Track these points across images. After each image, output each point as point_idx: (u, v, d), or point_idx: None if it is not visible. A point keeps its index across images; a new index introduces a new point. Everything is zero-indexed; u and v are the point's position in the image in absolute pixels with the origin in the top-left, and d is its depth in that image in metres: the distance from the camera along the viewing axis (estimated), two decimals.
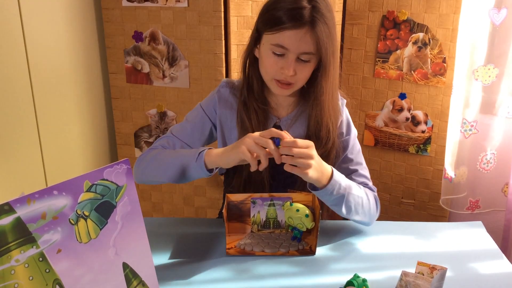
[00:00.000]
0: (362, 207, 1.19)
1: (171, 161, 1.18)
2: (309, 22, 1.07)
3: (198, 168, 1.12)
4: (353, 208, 1.17)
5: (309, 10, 1.07)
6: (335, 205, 1.16)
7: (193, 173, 1.15)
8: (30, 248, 0.75)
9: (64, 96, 1.80)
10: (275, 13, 1.10)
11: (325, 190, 1.11)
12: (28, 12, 1.56)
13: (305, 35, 1.08)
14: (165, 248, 1.16)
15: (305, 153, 1.04)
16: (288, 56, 1.12)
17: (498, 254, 1.16)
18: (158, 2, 1.87)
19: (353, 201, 1.17)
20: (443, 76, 1.94)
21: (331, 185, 1.11)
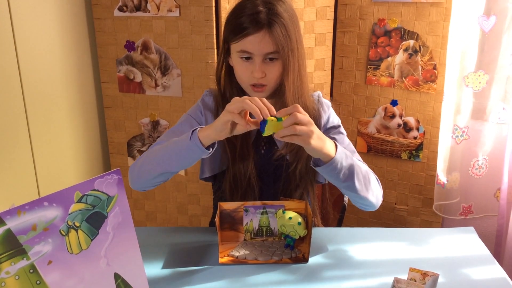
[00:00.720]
0: (370, 182, 1.17)
1: (165, 150, 1.16)
2: (266, 24, 1.13)
3: (193, 147, 1.08)
4: (363, 181, 1.14)
5: (265, 13, 1.13)
6: (346, 179, 1.11)
7: (190, 154, 1.11)
8: (21, 260, 0.75)
9: (57, 105, 1.80)
10: (236, 21, 1.16)
11: (333, 161, 1.07)
12: (20, 22, 1.56)
13: (265, 37, 1.13)
14: (157, 257, 1.16)
15: (305, 119, 1.01)
16: (255, 59, 1.16)
17: (490, 260, 1.17)
18: (150, 12, 1.88)
19: (361, 175, 1.14)
20: (434, 82, 1.96)
21: (339, 153, 1.08)
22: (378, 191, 1.22)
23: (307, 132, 1.01)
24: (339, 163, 1.08)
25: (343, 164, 1.09)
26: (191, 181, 2.08)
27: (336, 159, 1.07)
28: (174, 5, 1.84)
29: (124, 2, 1.89)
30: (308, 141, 1.02)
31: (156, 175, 1.18)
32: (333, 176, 1.11)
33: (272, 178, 1.29)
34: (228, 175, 1.27)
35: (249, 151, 1.25)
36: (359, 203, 1.21)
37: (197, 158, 1.13)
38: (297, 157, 1.25)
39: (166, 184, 2.12)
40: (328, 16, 2.01)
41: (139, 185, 1.23)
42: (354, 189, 1.13)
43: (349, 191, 1.15)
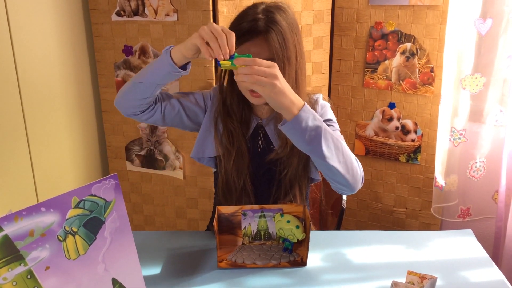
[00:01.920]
0: (343, 154, 1.10)
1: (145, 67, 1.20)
2: (263, 32, 1.14)
3: (164, 58, 1.12)
4: (334, 150, 1.08)
5: (264, 20, 1.15)
6: (312, 141, 1.06)
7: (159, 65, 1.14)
8: (18, 266, 0.75)
9: (55, 110, 1.80)
10: (236, 28, 1.17)
11: (297, 118, 1.04)
12: (18, 28, 1.57)
13: (261, 44, 1.15)
14: (156, 262, 1.16)
15: (267, 72, 1.01)
16: None
17: (488, 262, 1.17)
18: (148, 16, 1.88)
19: (332, 141, 1.08)
20: (431, 85, 1.96)
21: (303, 111, 1.05)
22: (356, 171, 1.14)
23: (268, 83, 1.01)
24: (304, 121, 1.04)
25: (309, 124, 1.05)
26: (189, 185, 2.08)
27: (300, 116, 1.04)
28: (172, 9, 1.85)
29: (122, 6, 1.89)
30: (269, 93, 1.02)
31: (130, 86, 1.20)
32: (297, 135, 1.06)
33: (265, 179, 1.29)
34: (221, 180, 1.29)
35: (244, 158, 1.27)
36: (335, 181, 1.15)
37: (165, 72, 1.14)
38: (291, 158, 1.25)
39: (164, 188, 2.12)
40: (325, 20, 2.02)
41: (119, 102, 1.24)
42: (321, 154, 1.07)
43: (316, 157, 1.09)
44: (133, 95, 1.20)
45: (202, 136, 1.31)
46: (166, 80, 1.17)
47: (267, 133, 1.29)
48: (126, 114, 1.25)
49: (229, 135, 1.27)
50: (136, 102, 1.21)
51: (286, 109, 1.04)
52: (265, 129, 1.30)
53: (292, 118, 1.05)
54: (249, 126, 1.30)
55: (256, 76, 1.00)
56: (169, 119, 1.28)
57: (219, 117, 1.29)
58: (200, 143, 1.32)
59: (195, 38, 1.05)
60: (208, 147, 1.31)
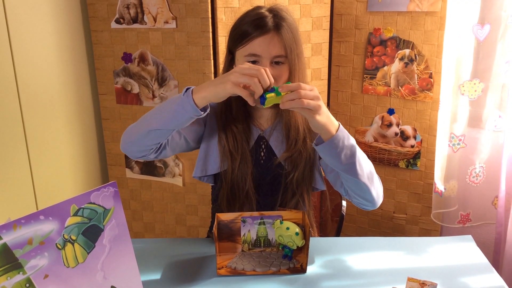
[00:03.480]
0: (371, 172, 1.14)
1: (156, 108, 1.14)
2: (273, 28, 1.15)
3: (186, 104, 1.05)
4: (364, 167, 1.11)
5: (271, 17, 1.16)
6: (348, 160, 1.08)
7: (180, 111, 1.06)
8: (17, 274, 0.75)
9: (54, 117, 1.81)
10: (241, 28, 1.18)
11: (335, 138, 1.05)
12: (18, 35, 1.57)
13: (273, 39, 1.15)
14: (155, 269, 1.16)
15: (312, 94, 1.02)
16: (262, 63, 1.16)
17: (488, 268, 1.16)
18: (147, 24, 1.89)
19: (363, 159, 1.11)
20: (430, 91, 1.97)
21: (340, 131, 1.07)
22: (379, 187, 1.19)
23: (315, 106, 1.01)
24: (341, 141, 1.07)
25: (345, 143, 1.07)
26: (189, 192, 2.08)
27: (338, 136, 1.06)
28: (171, 17, 1.85)
29: (121, 14, 1.90)
30: (314, 115, 1.02)
31: (144, 133, 1.13)
32: (334, 155, 1.08)
33: (269, 188, 1.29)
34: (226, 185, 1.27)
35: (247, 163, 1.26)
36: (359, 197, 1.18)
37: (187, 117, 1.08)
38: (295, 165, 1.25)
39: (164, 195, 2.12)
40: (324, 26, 2.02)
41: (128, 147, 1.19)
42: (355, 172, 1.10)
43: (349, 175, 1.11)
44: (147, 142, 1.15)
45: (203, 153, 1.29)
46: (185, 125, 1.12)
47: (269, 144, 1.29)
48: (135, 158, 1.21)
49: (234, 140, 1.25)
50: (149, 147, 1.16)
51: (326, 129, 1.05)
52: (267, 141, 1.28)
53: (330, 138, 1.06)
54: (251, 136, 1.29)
55: (305, 100, 1.00)
56: (177, 150, 1.27)
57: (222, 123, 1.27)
58: (203, 161, 1.29)
59: (231, 87, 1.02)
60: (211, 163, 1.28)
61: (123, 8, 1.89)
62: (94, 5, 1.92)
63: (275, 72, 1.16)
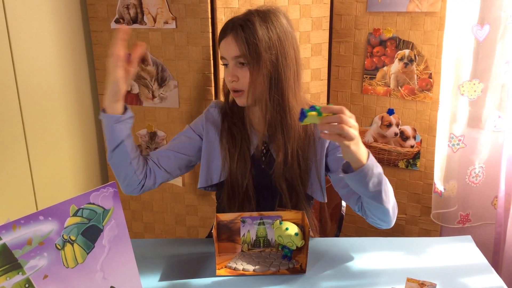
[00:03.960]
0: (391, 195, 1.14)
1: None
2: (231, 29, 1.17)
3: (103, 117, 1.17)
4: (388, 193, 1.11)
5: (237, 19, 1.18)
6: (375, 187, 1.08)
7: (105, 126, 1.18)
8: (16, 275, 0.75)
9: (54, 118, 1.81)
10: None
11: (365, 167, 1.04)
12: (18, 36, 1.57)
13: (230, 42, 1.18)
14: (155, 270, 1.16)
15: (352, 123, 0.99)
16: (230, 64, 1.20)
17: (488, 269, 1.16)
18: (147, 24, 1.89)
19: (387, 185, 1.11)
20: (430, 91, 1.97)
21: (370, 160, 1.05)
22: (396, 209, 1.19)
23: (352, 136, 0.98)
24: (370, 170, 1.05)
25: (374, 172, 1.06)
26: (189, 192, 2.08)
27: (368, 165, 1.05)
28: (171, 17, 1.85)
29: (121, 14, 1.90)
30: (350, 144, 1.00)
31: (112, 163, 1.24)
32: (362, 183, 1.07)
33: (270, 191, 1.29)
34: (226, 183, 1.28)
35: (246, 161, 1.26)
36: (378, 218, 1.17)
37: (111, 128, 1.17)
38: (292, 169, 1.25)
39: (164, 195, 2.12)
40: (324, 27, 2.02)
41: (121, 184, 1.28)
42: (380, 199, 1.10)
43: (375, 201, 1.11)
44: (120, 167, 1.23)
45: (205, 165, 1.31)
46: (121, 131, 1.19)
47: (269, 148, 1.29)
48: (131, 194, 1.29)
49: (232, 137, 1.27)
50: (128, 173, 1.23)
51: (358, 158, 1.04)
52: (268, 145, 1.29)
53: (360, 167, 1.05)
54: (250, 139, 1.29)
55: (345, 126, 0.97)
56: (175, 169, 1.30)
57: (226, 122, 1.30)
58: (205, 171, 1.30)
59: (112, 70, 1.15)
60: (214, 173, 1.30)
61: (123, 8, 1.89)
62: (94, 5, 1.92)
63: (238, 72, 1.19)
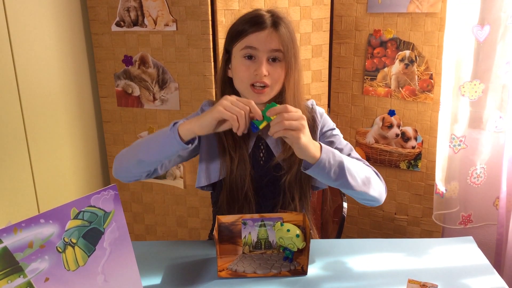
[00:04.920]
0: (365, 175, 1.16)
1: (146, 139, 1.19)
2: (271, 25, 1.17)
3: (172, 138, 1.09)
4: (357, 176, 1.13)
5: (269, 16, 1.18)
6: (338, 177, 1.10)
7: (167, 145, 1.11)
8: (18, 278, 0.75)
9: (55, 121, 1.81)
10: (238, 27, 1.20)
11: (321, 160, 1.07)
12: (18, 38, 1.58)
13: (270, 35, 1.16)
14: (156, 272, 1.16)
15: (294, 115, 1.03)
16: (258, 56, 1.17)
17: (490, 269, 1.16)
18: (147, 27, 1.89)
19: (354, 169, 1.13)
20: (431, 92, 1.97)
21: (324, 152, 1.08)
22: (380, 185, 1.21)
23: (298, 126, 1.02)
24: (327, 161, 1.08)
25: (331, 162, 1.09)
26: (190, 194, 2.08)
27: (322, 158, 1.07)
28: (171, 19, 1.86)
29: (122, 17, 1.91)
30: (298, 135, 1.03)
31: (133, 163, 1.18)
32: (323, 176, 1.10)
33: (270, 190, 1.29)
34: (225, 187, 1.27)
35: (246, 164, 1.26)
36: (361, 200, 1.21)
37: (173, 151, 1.12)
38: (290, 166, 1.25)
39: (165, 197, 2.12)
40: (324, 28, 2.03)
41: (120, 173, 1.24)
42: (349, 186, 1.12)
43: (344, 188, 1.15)
44: (137, 170, 1.20)
45: (204, 164, 1.29)
46: (174, 156, 1.17)
47: (267, 144, 1.29)
48: (127, 182, 1.26)
49: (232, 140, 1.25)
50: (140, 174, 1.21)
51: (310, 152, 1.06)
52: (266, 141, 1.29)
53: (315, 162, 1.07)
54: (249, 138, 1.29)
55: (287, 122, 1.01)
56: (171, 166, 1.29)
57: None
58: (204, 171, 1.29)
59: (218, 112, 1.04)
60: (213, 172, 1.28)
61: (123, 11, 1.90)
62: (95, 8, 1.93)
63: (271, 68, 1.17)
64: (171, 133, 1.09)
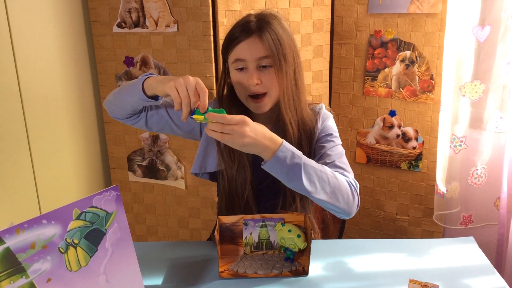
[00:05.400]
0: (330, 185, 1.10)
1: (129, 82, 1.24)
2: (255, 30, 1.17)
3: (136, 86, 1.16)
4: (318, 183, 1.09)
5: (255, 22, 1.19)
6: (293, 177, 1.08)
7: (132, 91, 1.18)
8: (20, 279, 0.76)
9: (57, 121, 1.81)
10: (229, 35, 1.22)
11: (275, 158, 1.05)
12: (20, 40, 1.58)
13: (254, 42, 1.17)
14: (157, 272, 1.16)
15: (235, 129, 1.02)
16: (249, 66, 1.18)
17: (490, 270, 1.16)
18: (148, 28, 1.90)
19: (315, 175, 1.09)
20: (431, 92, 1.97)
21: (281, 151, 1.06)
22: (349, 199, 1.14)
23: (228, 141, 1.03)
24: (281, 161, 1.06)
25: (287, 163, 1.06)
26: (191, 195, 2.09)
27: (277, 157, 1.05)
28: (172, 20, 1.86)
29: (123, 18, 1.91)
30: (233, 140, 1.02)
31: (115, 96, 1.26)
32: (278, 174, 1.08)
33: (270, 191, 1.29)
34: (224, 194, 1.28)
35: (246, 172, 1.26)
36: (328, 208, 1.16)
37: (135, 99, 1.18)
38: None
39: (167, 198, 2.12)
40: (325, 29, 2.03)
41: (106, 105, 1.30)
42: (303, 190, 1.09)
43: (301, 192, 1.11)
44: (115, 107, 1.27)
45: (203, 151, 1.30)
46: (139, 104, 1.21)
47: None
48: (113, 117, 1.31)
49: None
50: (121, 110, 1.27)
51: (262, 154, 1.07)
52: None
53: (269, 159, 1.06)
54: None
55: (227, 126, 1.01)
56: (157, 128, 1.31)
57: None
58: (201, 157, 1.30)
59: (170, 88, 1.06)
60: (210, 160, 1.29)
61: (124, 12, 1.90)
62: (96, 9, 1.93)
63: (262, 75, 1.18)
64: (138, 81, 1.17)
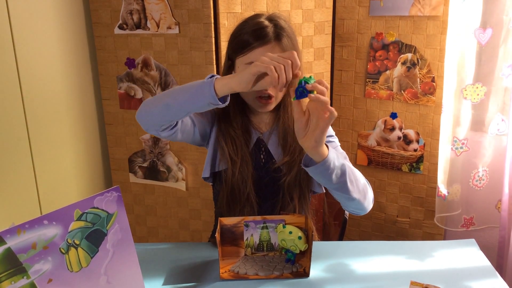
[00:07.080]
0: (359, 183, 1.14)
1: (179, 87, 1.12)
2: (274, 38, 1.17)
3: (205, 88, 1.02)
4: (354, 182, 1.11)
5: (272, 27, 1.18)
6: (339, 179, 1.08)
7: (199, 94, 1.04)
8: (21, 279, 0.75)
9: (58, 123, 1.82)
10: (242, 37, 1.19)
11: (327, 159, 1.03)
12: (22, 41, 1.59)
13: (273, 49, 1.16)
14: (158, 274, 1.16)
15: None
16: None
17: (492, 272, 1.16)
18: (150, 29, 1.90)
19: (352, 174, 1.11)
20: (433, 95, 1.97)
21: (331, 152, 1.05)
22: (370, 194, 1.19)
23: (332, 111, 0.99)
24: (332, 162, 1.05)
25: (336, 164, 1.06)
26: (192, 196, 2.09)
27: (329, 157, 1.05)
28: (174, 22, 1.86)
29: (124, 20, 1.92)
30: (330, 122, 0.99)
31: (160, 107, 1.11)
32: (325, 176, 1.07)
33: (269, 190, 1.30)
34: (226, 188, 1.28)
35: (248, 167, 1.26)
36: (351, 207, 1.18)
37: (204, 103, 1.05)
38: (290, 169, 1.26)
39: (167, 199, 2.12)
40: (326, 31, 2.03)
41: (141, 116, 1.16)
42: (346, 190, 1.10)
43: (341, 192, 1.11)
44: (162, 117, 1.12)
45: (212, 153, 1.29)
46: (202, 110, 1.09)
47: (268, 147, 1.30)
48: (147, 130, 1.18)
49: (233, 144, 1.26)
50: (162, 122, 1.14)
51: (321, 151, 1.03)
52: (265, 143, 1.30)
53: (322, 160, 1.04)
54: (250, 139, 1.30)
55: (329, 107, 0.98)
56: (185, 137, 1.25)
57: (221, 126, 1.29)
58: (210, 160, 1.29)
59: (255, 66, 0.98)
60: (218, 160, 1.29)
61: (126, 14, 1.91)
62: (98, 11, 1.93)
63: None
64: (206, 83, 1.03)
